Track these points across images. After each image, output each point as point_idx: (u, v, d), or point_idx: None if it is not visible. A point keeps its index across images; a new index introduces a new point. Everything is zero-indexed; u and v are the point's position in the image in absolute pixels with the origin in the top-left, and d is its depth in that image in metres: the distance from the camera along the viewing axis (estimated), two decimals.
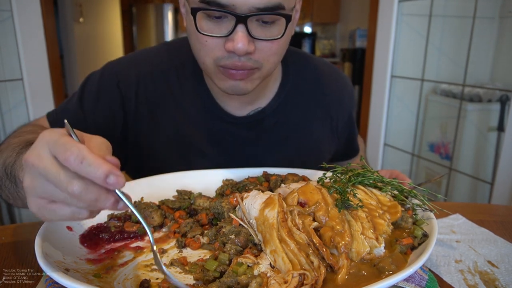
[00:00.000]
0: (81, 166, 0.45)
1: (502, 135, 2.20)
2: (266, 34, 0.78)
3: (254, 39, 0.77)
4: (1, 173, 0.71)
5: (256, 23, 0.77)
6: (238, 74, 0.81)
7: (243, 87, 0.85)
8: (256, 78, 0.85)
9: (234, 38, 0.75)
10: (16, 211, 2.41)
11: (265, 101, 1.02)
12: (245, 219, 0.69)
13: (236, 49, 0.76)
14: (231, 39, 0.76)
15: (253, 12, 0.73)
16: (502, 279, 0.70)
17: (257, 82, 0.87)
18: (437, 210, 0.71)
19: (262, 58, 0.81)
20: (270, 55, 0.82)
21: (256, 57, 0.80)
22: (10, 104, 2.27)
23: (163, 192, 0.87)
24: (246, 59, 0.79)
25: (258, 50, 0.79)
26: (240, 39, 0.75)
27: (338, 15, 5.87)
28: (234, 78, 0.82)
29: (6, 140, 0.82)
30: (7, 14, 2.11)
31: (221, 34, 0.77)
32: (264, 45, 0.79)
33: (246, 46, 0.75)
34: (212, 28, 0.77)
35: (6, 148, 0.74)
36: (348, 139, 1.20)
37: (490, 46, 2.61)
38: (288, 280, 0.55)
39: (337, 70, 1.18)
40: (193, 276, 0.61)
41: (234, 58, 0.79)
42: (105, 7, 6.24)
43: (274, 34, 0.79)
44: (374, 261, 0.61)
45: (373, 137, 2.87)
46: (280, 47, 0.82)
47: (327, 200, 0.67)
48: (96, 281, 0.58)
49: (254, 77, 0.84)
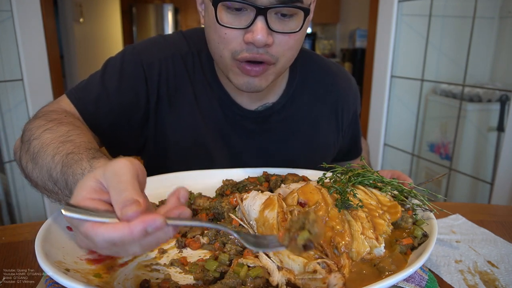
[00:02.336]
0: (118, 247, 0.45)
1: (502, 135, 2.20)
2: (284, 27, 0.80)
3: (272, 32, 0.79)
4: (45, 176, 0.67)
5: (275, 16, 0.78)
6: (254, 70, 0.82)
7: (257, 84, 0.86)
8: (271, 74, 0.86)
9: (254, 29, 0.77)
10: (16, 211, 2.41)
11: (273, 97, 1.03)
12: (245, 220, 0.69)
13: (255, 40, 0.77)
14: (250, 31, 0.77)
15: (273, 4, 0.75)
16: (502, 279, 0.70)
17: (271, 79, 0.87)
18: (437, 210, 0.71)
19: (279, 52, 0.82)
20: (287, 49, 0.83)
21: (273, 51, 0.81)
22: (10, 104, 2.27)
23: (163, 192, 0.87)
24: (264, 51, 0.80)
25: (276, 43, 0.81)
26: (260, 31, 0.76)
27: (338, 15, 5.87)
28: (249, 74, 0.83)
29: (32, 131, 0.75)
30: (7, 14, 2.11)
31: (240, 26, 0.78)
32: (281, 39, 0.80)
33: (265, 38, 0.77)
34: (232, 21, 0.79)
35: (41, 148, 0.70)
36: (352, 138, 1.21)
37: (490, 46, 2.62)
38: (315, 269, 0.55)
39: (343, 69, 1.19)
40: (193, 276, 0.61)
41: (253, 50, 0.80)
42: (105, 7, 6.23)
43: (292, 27, 0.80)
44: (374, 261, 0.61)
45: (373, 137, 2.87)
46: (296, 42, 0.84)
47: (327, 200, 0.67)
48: (96, 281, 0.58)
49: (269, 73, 0.85)
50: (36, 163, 0.70)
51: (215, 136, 1.01)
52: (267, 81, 0.87)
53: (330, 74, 1.12)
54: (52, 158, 0.66)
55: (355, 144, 1.24)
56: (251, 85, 0.86)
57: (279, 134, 1.05)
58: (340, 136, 1.15)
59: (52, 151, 0.68)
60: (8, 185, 2.37)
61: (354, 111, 1.17)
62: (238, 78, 0.86)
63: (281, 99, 1.03)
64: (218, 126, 1.01)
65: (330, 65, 1.14)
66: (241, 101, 1.01)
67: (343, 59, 5.07)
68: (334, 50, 6.09)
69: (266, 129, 1.04)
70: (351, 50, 4.93)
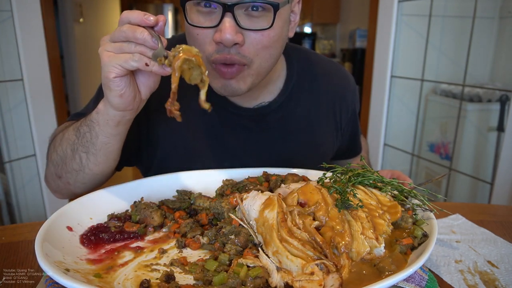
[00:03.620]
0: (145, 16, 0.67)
1: (502, 135, 2.20)
2: (255, 24, 0.78)
3: (242, 29, 0.77)
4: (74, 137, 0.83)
5: (244, 13, 0.77)
6: (227, 72, 0.81)
7: (235, 86, 0.84)
8: (248, 76, 0.84)
9: (222, 28, 0.75)
10: (16, 211, 2.41)
11: (270, 97, 1.03)
12: (245, 220, 0.69)
13: (223, 39, 0.75)
14: (219, 30, 0.76)
15: (240, 0, 0.74)
16: (502, 279, 0.70)
17: (250, 81, 0.85)
18: (437, 210, 0.71)
19: (251, 52, 0.80)
20: (260, 48, 0.81)
21: (245, 51, 0.79)
22: (10, 104, 2.27)
23: (163, 192, 0.87)
24: (235, 52, 0.79)
25: (248, 43, 0.79)
26: (227, 28, 0.75)
27: (338, 15, 5.87)
28: (225, 76, 0.82)
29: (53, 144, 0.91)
30: (7, 14, 2.11)
31: (210, 25, 0.77)
32: (253, 37, 0.79)
33: (233, 36, 0.75)
34: (202, 20, 0.78)
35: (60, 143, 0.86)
36: (351, 136, 1.20)
37: (490, 46, 2.62)
38: (312, 271, 0.55)
39: (340, 67, 1.19)
40: (193, 276, 0.61)
41: (224, 51, 0.78)
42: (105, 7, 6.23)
43: (263, 25, 0.78)
44: (374, 261, 0.61)
45: (373, 137, 2.87)
46: (270, 41, 0.81)
47: (327, 200, 0.67)
48: (96, 281, 0.58)
49: (244, 74, 0.83)
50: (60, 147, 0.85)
51: (210, 140, 1.01)
52: (246, 84, 0.85)
53: (327, 73, 1.11)
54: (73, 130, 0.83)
55: (354, 142, 1.24)
56: (228, 88, 0.84)
57: (277, 133, 1.05)
58: (339, 135, 1.15)
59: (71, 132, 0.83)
60: (8, 185, 2.37)
61: (352, 110, 1.17)
62: (215, 81, 0.85)
63: (278, 98, 1.03)
64: (213, 129, 1.00)
65: (327, 64, 1.14)
66: (234, 100, 1.00)
67: (343, 59, 5.07)
68: (334, 50, 6.10)
69: (263, 128, 1.03)
70: (351, 50, 4.93)
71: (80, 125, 0.82)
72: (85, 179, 0.87)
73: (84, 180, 0.87)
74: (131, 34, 0.66)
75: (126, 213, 0.80)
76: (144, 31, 0.66)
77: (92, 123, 0.79)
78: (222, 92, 0.86)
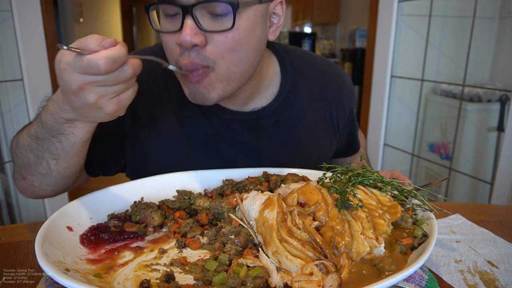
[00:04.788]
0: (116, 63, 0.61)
1: (502, 135, 2.20)
2: (217, 26, 0.75)
3: (203, 31, 0.75)
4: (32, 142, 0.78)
5: (207, 15, 0.75)
6: (192, 76, 0.79)
7: (204, 93, 0.82)
8: (216, 82, 0.81)
9: (182, 30, 0.74)
10: (16, 211, 2.41)
11: (263, 102, 1.01)
12: (245, 220, 0.69)
13: (181, 40, 0.74)
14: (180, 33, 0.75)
15: (199, 1, 0.72)
16: (502, 279, 0.70)
17: (220, 88, 0.82)
18: (437, 210, 0.71)
19: (215, 54, 0.77)
20: (225, 51, 0.77)
21: (207, 52, 0.77)
22: (10, 104, 2.28)
23: (163, 192, 0.87)
24: (196, 54, 0.76)
25: (210, 45, 0.76)
26: (186, 30, 0.73)
27: (338, 16, 5.87)
28: (190, 80, 0.80)
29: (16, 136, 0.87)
30: (7, 14, 2.11)
31: (173, 29, 0.76)
32: (216, 39, 0.76)
33: (192, 37, 0.73)
34: (168, 26, 0.78)
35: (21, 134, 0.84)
36: (349, 135, 1.20)
37: (490, 46, 2.62)
38: (311, 272, 0.55)
39: (336, 67, 1.17)
40: (193, 276, 0.61)
41: (184, 55, 0.77)
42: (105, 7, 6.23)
43: (226, 26, 0.75)
44: (374, 261, 0.61)
45: (373, 137, 2.87)
46: (236, 43, 0.77)
47: (327, 200, 0.67)
48: (96, 281, 0.58)
49: (211, 80, 0.80)
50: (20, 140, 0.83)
51: (204, 147, 0.99)
52: (215, 90, 0.82)
53: (323, 75, 1.09)
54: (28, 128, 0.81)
55: (352, 141, 1.22)
56: (197, 94, 0.82)
57: (273, 138, 1.02)
58: (336, 136, 1.14)
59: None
60: (8, 185, 2.38)
61: (350, 110, 1.15)
62: (185, 88, 0.84)
63: (273, 103, 1.01)
64: (206, 136, 0.98)
65: (322, 65, 1.12)
66: (226, 105, 0.98)
67: (343, 59, 5.07)
68: (334, 50, 6.10)
69: (258, 133, 1.01)
70: (351, 50, 4.93)
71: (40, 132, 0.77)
72: (51, 182, 0.83)
73: (51, 182, 0.83)
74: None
75: (126, 213, 0.80)
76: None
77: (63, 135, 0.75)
78: (193, 100, 0.84)
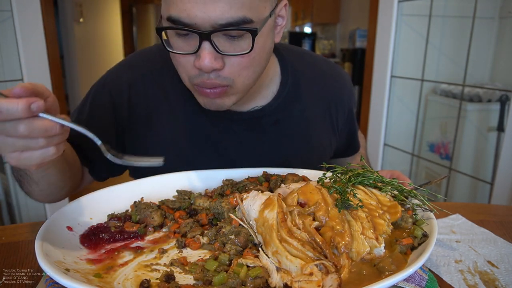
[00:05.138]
0: (2, 114, 0.53)
1: (502, 135, 2.21)
2: (235, 49, 0.76)
3: (222, 55, 0.75)
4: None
5: (223, 37, 0.75)
6: (211, 93, 0.81)
7: (220, 103, 0.84)
8: (232, 94, 0.84)
9: (201, 55, 0.74)
10: (16, 211, 2.41)
11: (263, 101, 1.01)
12: (245, 220, 0.69)
13: (202, 66, 0.74)
14: (198, 56, 0.75)
15: (216, 28, 0.71)
16: (502, 279, 0.70)
17: (235, 98, 0.85)
18: (437, 210, 0.71)
19: (232, 74, 0.79)
20: (241, 69, 0.79)
21: (225, 73, 0.78)
22: None
23: (163, 192, 0.87)
24: (215, 76, 0.78)
25: (228, 66, 0.78)
26: (205, 56, 0.73)
27: (338, 16, 5.87)
28: (208, 96, 0.82)
29: None
30: (7, 14, 2.11)
31: (189, 51, 0.76)
32: (233, 60, 0.77)
33: (212, 63, 0.74)
34: (182, 46, 0.77)
35: None
36: (348, 135, 1.19)
37: (490, 46, 2.62)
38: (311, 272, 0.55)
39: (336, 66, 1.17)
40: (193, 276, 0.61)
41: (203, 76, 0.78)
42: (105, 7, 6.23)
43: (243, 48, 0.76)
44: (374, 261, 0.61)
45: (373, 137, 2.87)
46: (251, 61, 0.79)
47: (327, 200, 0.67)
48: (96, 281, 0.58)
49: (228, 93, 0.83)
50: None
51: (204, 146, 1.00)
52: (230, 100, 0.85)
53: (323, 74, 1.10)
54: None
55: (352, 140, 1.22)
56: (214, 104, 0.84)
57: (272, 137, 1.03)
58: (336, 136, 1.14)
59: None
60: (8, 185, 2.37)
61: (349, 109, 1.15)
62: (200, 98, 0.85)
63: (273, 102, 1.01)
64: (205, 136, 0.99)
65: (323, 65, 1.12)
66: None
67: (343, 59, 5.07)
68: (334, 50, 6.10)
69: (258, 133, 1.01)
70: (351, 50, 4.93)
71: None
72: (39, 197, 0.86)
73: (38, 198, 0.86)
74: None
75: (126, 213, 0.80)
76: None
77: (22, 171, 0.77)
78: (208, 107, 0.86)
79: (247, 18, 0.72)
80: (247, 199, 0.71)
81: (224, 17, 0.70)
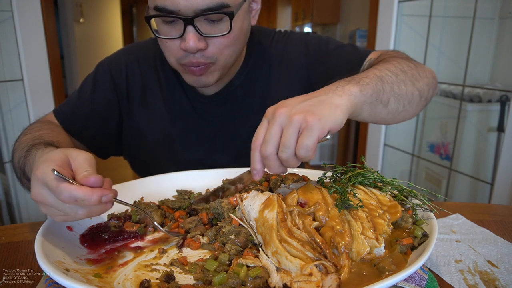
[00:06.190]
0: (77, 203, 0.58)
1: (502, 135, 2.20)
2: (215, 30, 0.87)
3: (204, 37, 0.87)
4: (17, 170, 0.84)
5: (204, 22, 0.86)
6: (197, 70, 0.92)
7: (205, 80, 0.96)
8: (215, 71, 0.95)
9: (186, 38, 0.85)
10: (16, 211, 2.41)
11: (231, 76, 1.09)
12: (245, 220, 0.69)
13: (187, 47, 0.86)
14: (183, 39, 0.86)
15: (198, 13, 0.82)
16: (502, 279, 0.70)
17: (218, 75, 0.96)
18: (437, 210, 0.71)
19: (215, 53, 0.90)
20: (223, 48, 0.91)
21: (209, 53, 0.90)
22: (10, 104, 2.27)
23: (163, 192, 0.87)
24: (200, 56, 0.89)
25: (211, 46, 0.89)
26: (190, 39, 0.85)
27: (338, 16, 5.87)
28: (195, 74, 0.93)
29: (18, 138, 0.92)
30: (7, 14, 2.11)
31: (175, 36, 0.87)
32: (215, 40, 0.89)
33: (197, 44, 0.85)
34: (169, 31, 0.88)
35: (18, 147, 0.86)
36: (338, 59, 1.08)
37: (490, 46, 2.61)
38: (311, 272, 0.55)
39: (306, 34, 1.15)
40: (193, 276, 0.61)
41: (189, 57, 0.89)
42: (105, 7, 6.24)
43: (223, 30, 0.87)
44: (374, 261, 0.61)
45: (373, 137, 2.87)
46: (232, 40, 0.90)
47: (327, 200, 0.67)
48: (96, 281, 0.58)
49: (211, 70, 0.94)
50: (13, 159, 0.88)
51: (186, 127, 1.11)
52: (214, 77, 0.96)
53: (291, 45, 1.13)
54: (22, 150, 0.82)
55: (349, 56, 1.09)
56: (199, 82, 0.96)
57: (245, 111, 1.10)
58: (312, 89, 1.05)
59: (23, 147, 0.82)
60: (8, 185, 2.37)
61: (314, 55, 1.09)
62: (187, 77, 0.97)
63: (238, 75, 1.09)
64: (188, 117, 1.10)
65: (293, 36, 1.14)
66: (202, 90, 1.09)
67: None
68: None
69: (231, 108, 1.10)
70: None
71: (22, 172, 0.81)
72: None
73: None
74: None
75: (126, 213, 0.80)
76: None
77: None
78: (195, 85, 0.99)
79: (224, 3, 0.83)
80: (247, 199, 0.71)
81: (204, 3, 0.82)
